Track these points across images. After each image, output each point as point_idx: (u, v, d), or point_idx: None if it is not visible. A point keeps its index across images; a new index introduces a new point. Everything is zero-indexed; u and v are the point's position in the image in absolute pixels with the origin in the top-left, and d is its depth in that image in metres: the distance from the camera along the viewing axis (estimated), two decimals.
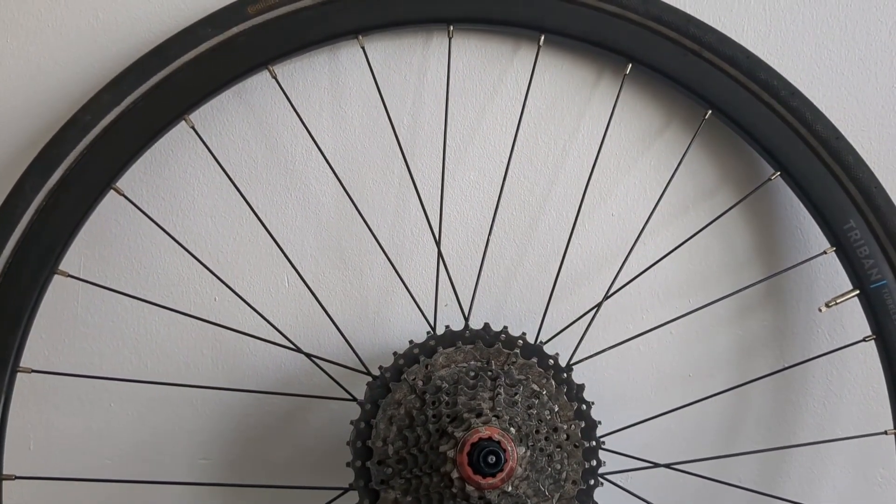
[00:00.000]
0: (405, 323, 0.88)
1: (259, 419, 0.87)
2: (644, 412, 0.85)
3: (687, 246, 0.87)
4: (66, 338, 0.87)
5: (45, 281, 0.77)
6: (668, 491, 0.87)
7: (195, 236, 0.87)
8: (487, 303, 0.88)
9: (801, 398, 0.90)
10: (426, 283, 0.88)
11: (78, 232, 0.78)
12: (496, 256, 0.88)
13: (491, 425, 0.70)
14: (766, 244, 0.89)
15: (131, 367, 0.87)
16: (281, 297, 0.88)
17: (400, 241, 0.88)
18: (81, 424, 0.87)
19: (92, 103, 0.79)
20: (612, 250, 0.89)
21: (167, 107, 0.80)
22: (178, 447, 0.87)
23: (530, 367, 0.76)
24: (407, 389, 0.74)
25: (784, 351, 0.90)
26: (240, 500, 0.87)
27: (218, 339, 0.87)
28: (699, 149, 0.87)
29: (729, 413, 0.90)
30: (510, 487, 0.69)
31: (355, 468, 0.74)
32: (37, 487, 0.84)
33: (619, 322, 0.89)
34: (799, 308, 0.89)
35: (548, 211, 0.89)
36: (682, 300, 0.89)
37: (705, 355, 0.90)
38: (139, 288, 0.87)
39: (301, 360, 0.85)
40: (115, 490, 0.85)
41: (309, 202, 0.88)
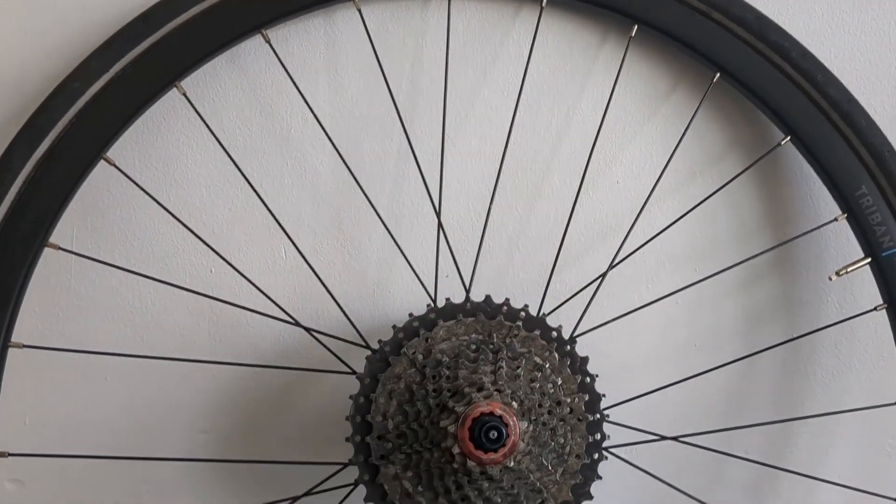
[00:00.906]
0: (405, 295, 0.87)
1: (257, 393, 0.87)
2: (649, 384, 0.85)
3: (694, 213, 0.85)
4: (59, 311, 0.86)
5: (35, 254, 0.76)
6: (674, 464, 0.87)
7: (189, 207, 0.86)
8: (489, 274, 0.87)
9: (810, 368, 0.89)
10: (426, 255, 0.86)
11: (68, 203, 0.77)
12: (498, 226, 0.87)
13: (492, 400, 0.69)
14: (775, 211, 0.88)
15: (127, 341, 0.86)
16: (278, 270, 0.86)
17: (399, 211, 0.87)
18: (77, 399, 0.86)
19: (80, 70, 0.77)
20: (617, 219, 0.88)
21: (158, 73, 0.78)
22: (176, 421, 0.87)
23: (533, 339, 0.75)
24: (407, 363, 0.73)
25: (793, 321, 0.89)
26: (239, 473, 0.86)
27: (215, 312, 0.86)
28: (707, 113, 0.86)
29: (736, 384, 0.89)
30: (512, 462, 0.69)
31: (355, 443, 0.74)
32: (32, 464, 0.83)
33: (623, 292, 0.88)
34: (808, 277, 0.88)
35: (551, 179, 0.87)
36: (688, 269, 0.88)
37: (712, 325, 0.89)
38: (133, 260, 0.86)
39: (299, 333, 0.84)
40: (113, 465, 0.84)
41: (305, 171, 0.86)
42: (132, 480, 0.86)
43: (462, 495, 0.71)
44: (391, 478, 0.73)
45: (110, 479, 0.86)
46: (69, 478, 0.86)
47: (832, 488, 0.86)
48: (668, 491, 0.82)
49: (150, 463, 0.85)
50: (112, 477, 0.86)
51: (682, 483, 0.82)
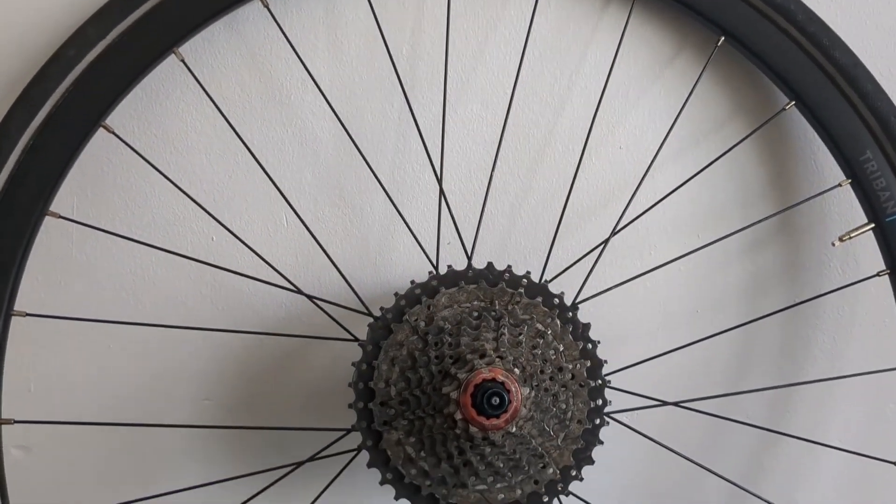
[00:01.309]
0: (406, 262, 0.87)
1: (261, 360, 0.87)
2: (651, 350, 0.85)
3: (697, 179, 0.85)
4: (61, 280, 0.86)
5: (36, 223, 0.76)
6: (676, 429, 0.87)
7: (189, 174, 0.85)
8: (491, 241, 0.87)
9: (812, 334, 0.89)
10: (428, 221, 0.86)
11: (68, 172, 0.77)
12: (500, 193, 0.87)
13: (494, 366, 0.69)
14: (779, 177, 0.87)
15: (129, 309, 0.86)
16: (280, 237, 0.86)
17: (400, 177, 0.86)
18: (81, 367, 0.86)
19: (76, 37, 0.76)
20: (620, 184, 0.87)
21: (155, 39, 0.77)
22: (180, 388, 0.87)
23: (535, 306, 0.75)
24: (409, 330, 0.73)
25: (795, 286, 0.89)
26: (242, 439, 0.87)
27: (217, 279, 0.86)
28: (711, 78, 0.85)
29: (738, 350, 0.89)
30: (514, 428, 0.69)
31: (357, 409, 0.74)
32: (38, 431, 0.84)
33: (626, 259, 0.87)
34: (811, 242, 0.88)
35: (553, 144, 0.87)
36: (691, 235, 0.88)
37: (714, 291, 0.89)
38: (134, 228, 0.85)
39: (301, 301, 0.84)
40: (118, 431, 0.85)
41: (306, 138, 0.85)
42: (137, 446, 0.86)
43: (464, 460, 0.71)
44: (394, 444, 0.73)
45: (116, 446, 0.86)
46: (75, 444, 0.86)
47: (833, 453, 0.86)
48: (670, 456, 0.82)
49: (155, 429, 0.85)
50: (117, 443, 0.86)
51: (683, 448, 0.83)
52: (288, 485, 0.81)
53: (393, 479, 0.74)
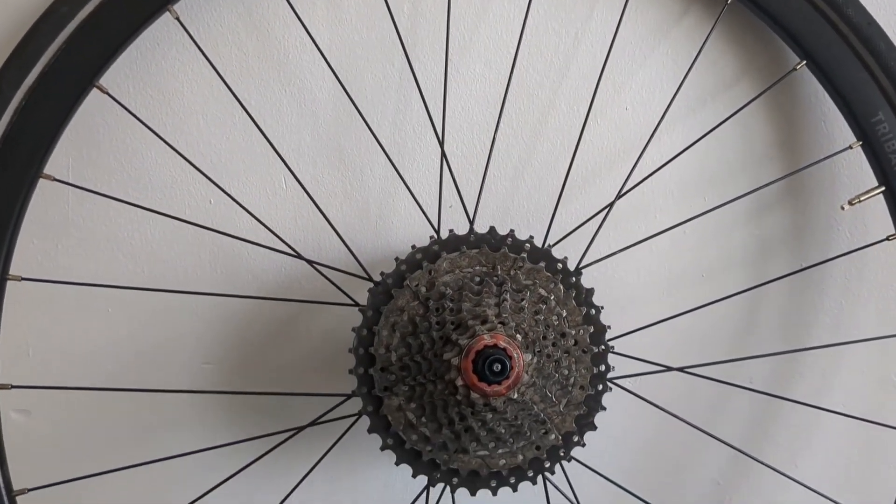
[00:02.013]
0: (407, 226, 0.86)
1: (261, 324, 0.86)
2: (655, 315, 0.84)
3: (704, 141, 0.84)
4: (57, 243, 0.85)
5: (30, 185, 0.75)
6: (679, 394, 0.87)
7: (186, 136, 0.84)
8: (493, 205, 0.86)
9: (818, 299, 0.89)
10: (429, 185, 0.85)
11: (61, 133, 0.76)
12: (503, 155, 0.85)
13: (496, 332, 0.69)
14: (788, 139, 0.86)
15: (127, 273, 0.85)
16: (278, 200, 0.85)
17: (401, 139, 0.85)
18: (80, 331, 0.86)
19: None
20: (626, 147, 0.86)
21: None
22: (179, 352, 0.86)
23: (538, 271, 0.74)
24: (410, 296, 0.73)
25: (802, 250, 0.88)
26: (243, 405, 0.87)
27: (216, 243, 0.85)
28: (720, 37, 0.84)
29: (743, 315, 0.89)
30: (516, 394, 0.69)
31: (358, 375, 0.73)
32: (38, 394, 0.83)
33: (631, 222, 0.87)
34: (820, 206, 0.87)
35: (558, 106, 0.85)
36: (697, 198, 0.87)
37: (720, 255, 0.88)
38: (130, 191, 0.84)
39: (301, 265, 0.84)
40: (118, 395, 0.84)
41: (305, 99, 0.84)
42: (137, 411, 0.86)
43: (465, 426, 0.71)
44: (395, 409, 0.73)
45: (116, 410, 0.86)
46: (75, 408, 0.86)
47: (837, 418, 0.86)
48: (673, 421, 0.82)
49: (155, 393, 0.85)
50: (117, 407, 0.86)
51: (686, 413, 0.83)
52: (288, 450, 0.81)
53: (394, 445, 0.74)
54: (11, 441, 0.76)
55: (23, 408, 0.86)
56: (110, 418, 0.86)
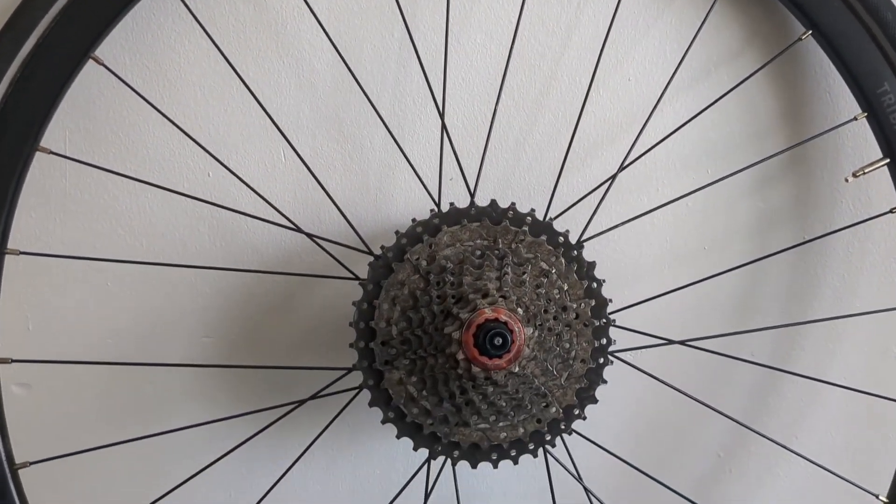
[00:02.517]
0: (408, 199, 0.85)
1: (261, 298, 0.86)
2: (657, 288, 0.84)
3: (708, 113, 0.83)
4: (56, 217, 0.84)
5: (26, 158, 0.74)
6: (679, 367, 0.87)
7: (184, 108, 0.83)
8: (494, 177, 0.85)
9: (820, 272, 0.89)
10: (430, 157, 0.84)
11: (57, 105, 0.75)
12: (504, 127, 0.85)
13: (497, 306, 0.68)
14: (792, 110, 0.85)
15: (126, 246, 0.85)
16: (277, 173, 0.84)
17: (401, 111, 0.84)
18: (79, 305, 0.85)
19: None
20: (628, 118, 0.85)
21: None
22: (179, 326, 0.86)
23: (539, 245, 0.73)
24: (410, 270, 0.72)
25: (805, 223, 0.88)
26: (243, 378, 0.86)
27: (214, 216, 0.85)
28: (724, 6, 0.83)
29: (745, 287, 0.88)
30: (517, 368, 0.68)
31: (358, 349, 0.73)
32: (38, 368, 0.83)
33: (633, 195, 0.86)
34: (823, 178, 0.87)
35: (559, 76, 0.84)
36: (700, 171, 0.86)
37: (723, 228, 0.88)
38: (128, 164, 0.83)
39: (301, 238, 0.83)
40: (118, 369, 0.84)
41: (303, 70, 0.83)
42: (138, 384, 0.86)
43: (466, 399, 0.71)
44: (395, 383, 0.73)
45: (116, 383, 0.86)
46: (76, 381, 0.86)
47: (837, 391, 0.86)
48: (674, 394, 0.82)
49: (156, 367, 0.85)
50: (118, 381, 0.86)
51: (686, 386, 0.82)
52: (289, 424, 0.81)
53: (395, 419, 0.74)
54: (13, 414, 0.76)
55: (24, 381, 0.85)
56: (111, 392, 0.86)
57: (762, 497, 0.91)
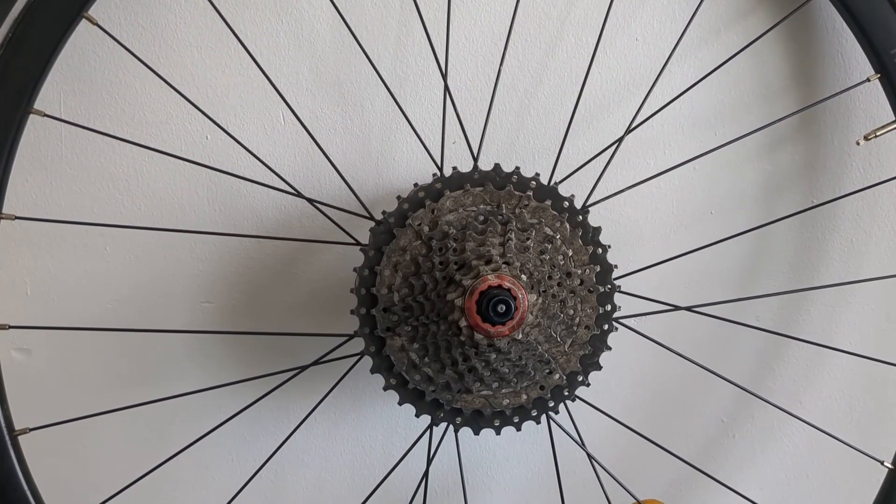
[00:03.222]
0: (410, 163, 0.84)
1: (261, 262, 0.85)
2: (663, 253, 0.83)
3: (717, 74, 0.81)
4: (52, 181, 0.83)
5: (20, 121, 0.73)
6: (684, 332, 0.86)
7: (181, 70, 0.82)
8: (498, 140, 0.84)
9: (828, 236, 0.88)
10: (432, 120, 0.83)
11: (51, 67, 0.73)
12: (508, 88, 0.83)
13: (501, 272, 0.67)
14: (803, 71, 0.84)
15: (124, 210, 0.84)
16: (277, 136, 0.83)
17: (403, 72, 0.83)
18: (78, 270, 0.84)
19: None
20: (635, 79, 0.84)
21: None
22: (179, 290, 0.86)
23: (543, 210, 0.72)
24: (412, 235, 0.71)
25: (814, 187, 0.86)
26: (243, 344, 0.86)
27: (213, 180, 0.84)
28: None
29: (751, 253, 0.87)
30: (520, 335, 0.68)
31: (360, 315, 0.72)
32: (38, 333, 0.83)
33: (639, 159, 0.85)
34: (834, 141, 0.86)
35: (565, 37, 0.83)
36: (708, 133, 0.85)
37: (730, 192, 0.87)
38: (125, 127, 0.82)
39: (301, 203, 0.82)
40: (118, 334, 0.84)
41: (302, 30, 0.82)
42: (138, 349, 0.86)
43: (469, 366, 0.71)
44: (397, 349, 0.72)
45: (116, 348, 0.86)
46: (76, 346, 0.85)
47: (842, 357, 0.86)
48: (678, 360, 0.81)
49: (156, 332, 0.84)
50: (118, 346, 0.85)
51: (692, 352, 0.82)
52: (290, 390, 0.80)
53: (397, 385, 0.74)
54: (13, 380, 0.76)
55: (23, 347, 0.85)
56: (111, 357, 0.86)
57: (765, 462, 0.91)
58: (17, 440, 0.73)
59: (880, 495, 0.79)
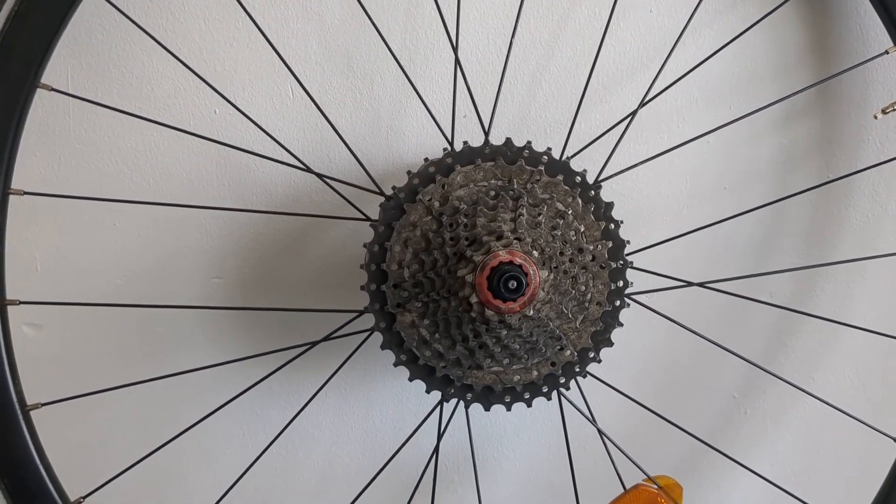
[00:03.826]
0: (420, 137, 0.83)
1: (270, 238, 0.85)
2: (676, 228, 0.83)
3: (731, 46, 0.80)
4: (61, 156, 0.83)
5: (27, 95, 0.72)
6: (696, 308, 0.86)
7: (188, 43, 0.81)
8: (510, 114, 0.83)
9: (844, 212, 0.87)
10: (443, 93, 0.82)
11: (57, 40, 0.72)
12: (520, 61, 0.82)
13: (512, 248, 0.67)
14: (819, 44, 0.83)
15: (133, 185, 0.83)
16: (285, 110, 0.82)
17: (413, 45, 0.82)
18: (88, 245, 0.84)
19: None
20: (649, 52, 0.83)
21: None
22: (188, 266, 0.85)
23: (555, 185, 0.71)
24: (422, 211, 0.71)
25: (830, 161, 0.85)
26: (253, 319, 0.86)
27: (222, 155, 0.83)
28: None
29: (766, 228, 0.87)
30: (531, 311, 0.67)
31: (370, 291, 0.72)
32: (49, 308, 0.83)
33: (653, 133, 0.84)
34: (850, 114, 0.85)
35: (578, 8, 0.82)
36: (723, 107, 0.84)
37: (744, 167, 0.86)
38: (133, 101, 0.82)
39: (310, 178, 0.82)
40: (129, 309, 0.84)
41: (311, 1, 0.81)
42: (148, 325, 0.86)
43: (480, 343, 0.70)
44: (408, 326, 0.72)
45: (127, 323, 0.86)
46: (86, 321, 0.85)
47: (856, 333, 0.85)
48: (690, 336, 0.80)
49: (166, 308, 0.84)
50: (128, 321, 0.85)
51: (704, 328, 0.81)
52: (300, 366, 0.80)
53: (407, 361, 0.73)
54: (24, 356, 0.76)
55: (34, 322, 0.85)
56: (122, 332, 0.86)
57: (777, 439, 0.91)
58: (28, 415, 0.74)
59: (892, 472, 0.79)
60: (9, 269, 0.74)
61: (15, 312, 0.76)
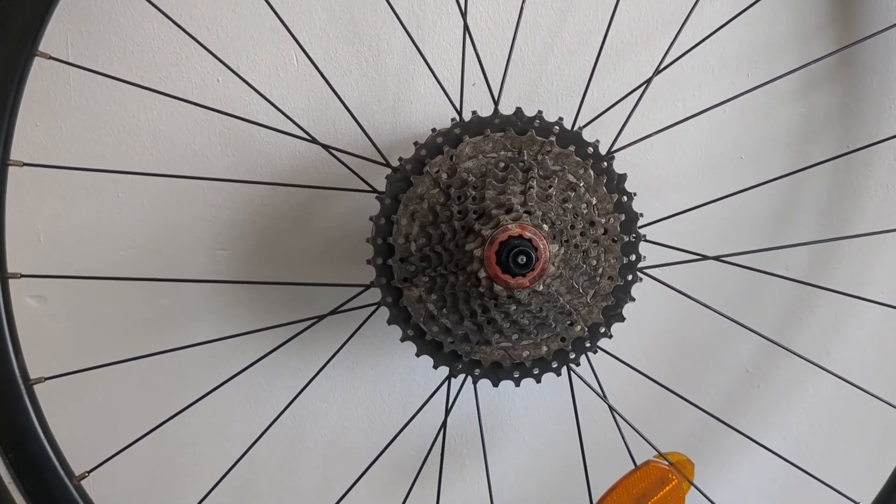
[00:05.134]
0: (427, 107, 0.82)
1: (275, 209, 0.83)
2: (690, 200, 0.81)
3: (749, 12, 0.78)
4: (62, 126, 0.81)
5: (24, 64, 0.70)
6: (710, 282, 0.84)
7: (190, 9, 0.79)
8: (520, 83, 0.81)
9: (863, 182, 0.85)
10: (451, 61, 0.81)
11: (55, 7, 0.70)
12: (530, 28, 0.80)
13: (522, 222, 0.65)
14: (841, 9, 0.81)
15: (136, 156, 0.82)
16: (290, 78, 0.81)
17: (421, 10, 0.80)
18: (90, 216, 0.83)
19: None
20: (665, 17, 0.81)
21: None
22: (193, 238, 0.84)
23: (567, 156, 0.70)
24: (430, 183, 0.69)
25: (850, 131, 0.84)
26: (259, 291, 0.85)
27: (225, 125, 0.82)
28: None
29: (783, 200, 0.85)
30: (541, 286, 0.66)
31: (376, 265, 0.71)
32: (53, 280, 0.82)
33: (667, 102, 0.82)
34: (872, 83, 0.83)
35: None
36: (740, 74, 0.82)
37: (761, 137, 0.84)
38: (134, 69, 0.80)
39: (315, 148, 0.81)
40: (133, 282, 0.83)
41: None
42: (153, 297, 0.85)
43: (488, 318, 0.69)
44: (415, 300, 0.71)
45: (131, 296, 0.85)
46: (91, 294, 0.85)
47: (873, 308, 0.84)
48: (703, 311, 0.79)
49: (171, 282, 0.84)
50: (133, 293, 0.85)
51: (718, 302, 0.80)
52: (307, 340, 0.79)
53: (414, 336, 0.72)
54: (28, 328, 0.75)
55: (39, 294, 0.84)
56: (126, 304, 0.85)
57: (790, 413, 0.90)
58: (32, 389, 0.73)
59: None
60: (11, 241, 0.73)
61: (18, 285, 0.75)
